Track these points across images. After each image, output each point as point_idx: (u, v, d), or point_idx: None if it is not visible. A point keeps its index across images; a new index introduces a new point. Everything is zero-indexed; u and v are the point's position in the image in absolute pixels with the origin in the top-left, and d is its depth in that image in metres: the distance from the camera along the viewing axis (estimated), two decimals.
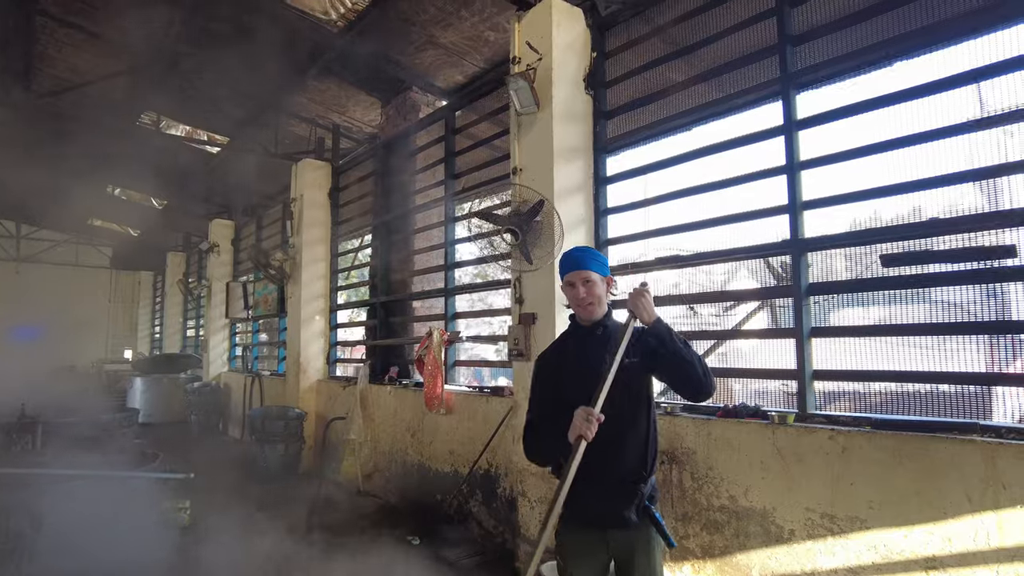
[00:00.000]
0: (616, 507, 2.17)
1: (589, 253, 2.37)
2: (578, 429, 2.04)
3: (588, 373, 2.21)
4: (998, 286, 2.97)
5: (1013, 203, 2.84)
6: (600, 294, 2.32)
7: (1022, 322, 2.89)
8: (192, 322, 14.95)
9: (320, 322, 8.24)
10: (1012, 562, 2.54)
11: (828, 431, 3.07)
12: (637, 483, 2.19)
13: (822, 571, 3.04)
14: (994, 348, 3.20)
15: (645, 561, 2.18)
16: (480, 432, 5.11)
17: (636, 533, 2.20)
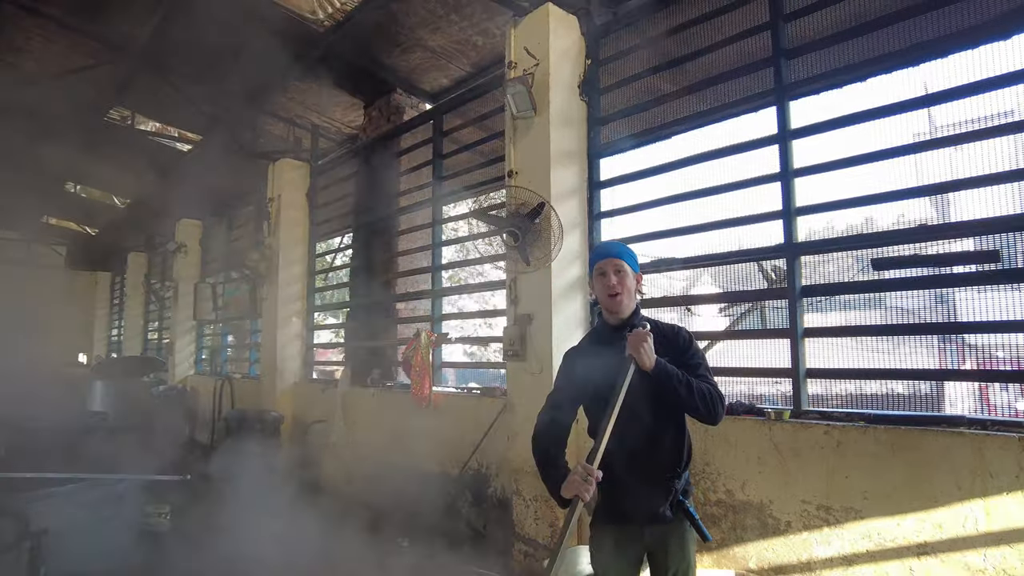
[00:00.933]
0: (651, 504, 2.21)
1: (620, 247, 2.40)
2: (575, 488, 2.03)
3: (608, 382, 2.21)
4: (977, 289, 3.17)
5: (997, 212, 3.02)
6: (630, 286, 2.33)
7: (987, 322, 3.06)
8: (154, 324, 14.53)
9: (297, 324, 8.13)
10: (999, 545, 2.70)
11: (823, 426, 3.21)
12: (671, 480, 2.23)
13: (818, 560, 3.17)
14: (966, 347, 3.42)
15: (680, 554, 2.23)
16: (470, 433, 5.13)
17: (671, 527, 2.24)
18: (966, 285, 3.11)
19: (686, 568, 2.24)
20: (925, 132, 3.48)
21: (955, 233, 3.10)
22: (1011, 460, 2.69)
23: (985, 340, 3.62)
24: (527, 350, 4.39)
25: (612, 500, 2.19)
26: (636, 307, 2.40)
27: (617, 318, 2.35)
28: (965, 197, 3.21)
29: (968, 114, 3.29)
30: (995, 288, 3.14)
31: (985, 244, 3.05)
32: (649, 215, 4.32)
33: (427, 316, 6.34)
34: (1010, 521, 2.67)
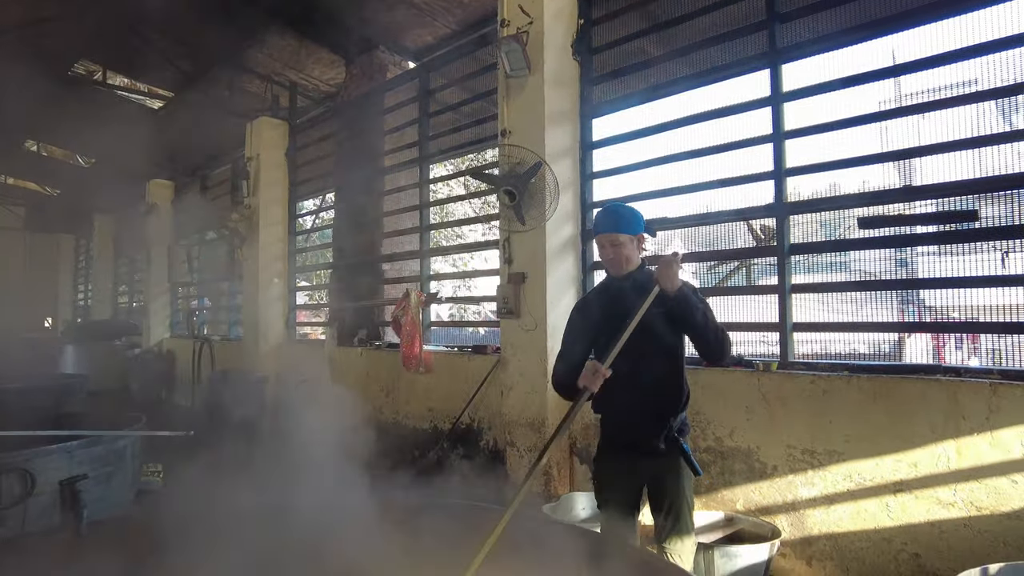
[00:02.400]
0: (646, 437, 2.38)
1: (620, 215, 2.50)
2: (585, 380, 2.25)
3: (617, 318, 2.39)
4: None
5: (977, 173, 3.19)
6: (628, 254, 2.47)
7: (960, 278, 3.26)
8: (124, 287, 14.26)
9: (279, 285, 8.10)
10: (967, 481, 2.93)
11: (810, 376, 3.40)
12: (667, 416, 2.40)
13: (801, 500, 3.39)
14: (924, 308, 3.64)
15: (675, 489, 2.39)
16: (461, 390, 5.26)
17: (665, 461, 2.40)
18: (945, 243, 3.29)
19: (681, 504, 2.39)
20: (912, 96, 3.62)
21: (936, 194, 3.25)
22: (982, 404, 2.90)
23: (940, 300, 3.82)
24: (521, 308, 4.49)
25: (611, 433, 2.35)
26: (641, 262, 2.55)
27: (620, 274, 2.52)
28: (946, 160, 3.37)
29: (947, 80, 3.44)
30: (966, 249, 3.36)
31: (964, 204, 3.22)
32: (641, 175, 4.42)
33: (414, 276, 6.39)
34: (979, 459, 2.89)
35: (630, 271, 2.51)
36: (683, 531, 2.38)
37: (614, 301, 2.48)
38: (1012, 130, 3.14)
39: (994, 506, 2.86)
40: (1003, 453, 2.84)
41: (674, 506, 2.38)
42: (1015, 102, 3.37)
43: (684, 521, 2.39)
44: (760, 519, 3.45)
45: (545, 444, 2.23)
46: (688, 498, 2.44)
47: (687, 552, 2.40)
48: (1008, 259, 3.20)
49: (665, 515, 2.38)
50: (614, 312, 2.44)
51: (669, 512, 2.38)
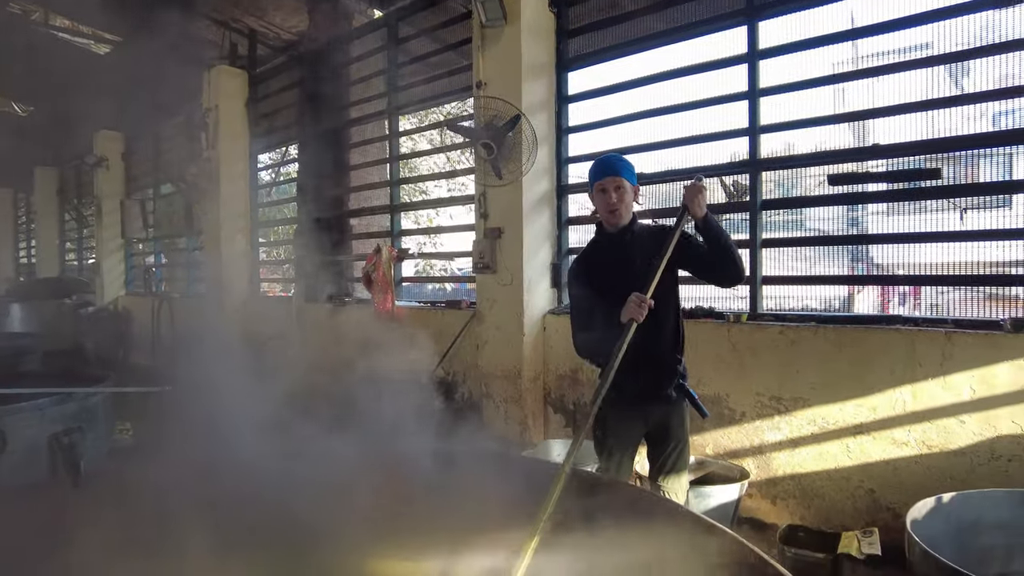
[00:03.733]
0: (658, 385, 2.45)
1: (622, 161, 2.51)
2: (631, 312, 2.21)
3: (618, 272, 2.42)
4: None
5: (941, 133, 3.32)
6: (629, 202, 2.48)
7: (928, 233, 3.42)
8: (72, 244, 13.68)
9: (242, 241, 7.91)
10: (920, 423, 3.15)
11: (779, 327, 3.55)
12: (675, 364, 2.49)
13: (768, 444, 3.58)
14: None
15: (680, 431, 2.51)
16: (435, 344, 5.28)
17: (672, 406, 2.50)
18: (911, 200, 3.43)
19: (684, 441, 2.52)
20: (870, 58, 3.72)
21: (905, 152, 3.38)
22: (937, 351, 3.09)
23: (888, 259, 4.00)
24: (497, 263, 4.52)
25: (620, 384, 2.40)
26: (633, 216, 2.57)
27: (616, 227, 2.52)
28: (907, 121, 3.49)
29: (902, 43, 3.54)
30: (921, 208, 3.53)
31: (929, 163, 3.37)
32: (618, 131, 4.44)
33: (384, 231, 6.33)
34: (932, 402, 3.10)
35: (626, 224, 2.50)
36: (682, 468, 2.51)
37: (615, 256, 2.49)
38: (977, 92, 3.27)
39: (943, 444, 3.08)
40: (954, 396, 3.05)
41: (678, 447, 2.50)
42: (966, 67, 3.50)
43: (684, 459, 2.52)
44: (729, 462, 3.63)
45: (596, 392, 2.17)
46: (689, 438, 2.56)
47: (682, 488, 2.53)
48: (966, 215, 3.37)
49: (668, 455, 2.49)
50: (617, 266, 2.46)
51: (672, 452, 2.49)
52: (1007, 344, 2.93)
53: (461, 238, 8.92)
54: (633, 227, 2.52)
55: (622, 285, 2.33)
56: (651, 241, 2.44)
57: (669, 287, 2.47)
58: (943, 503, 2.41)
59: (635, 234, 2.50)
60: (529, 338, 4.45)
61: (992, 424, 2.97)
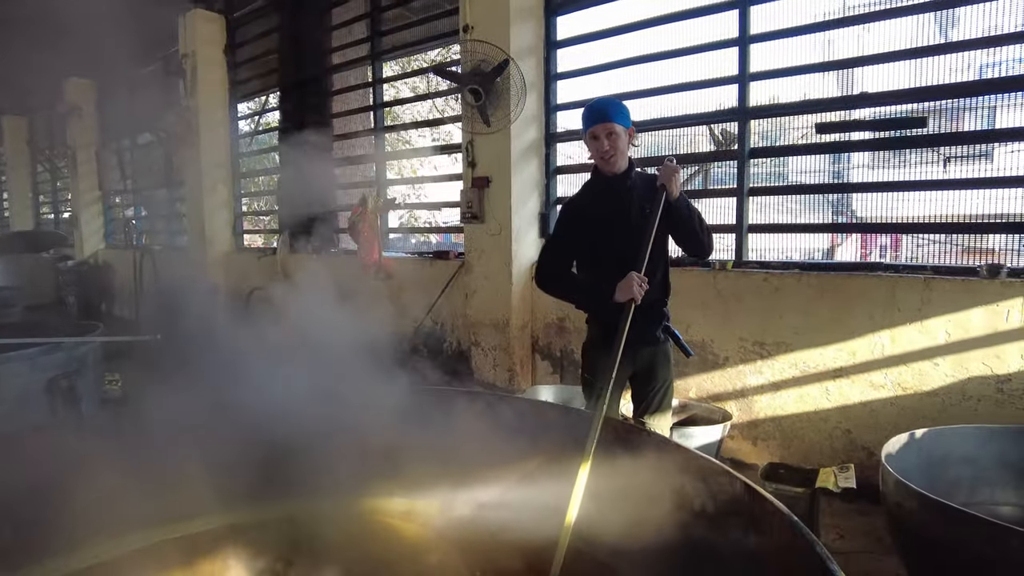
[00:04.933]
0: (645, 328, 2.50)
1: (613, 105, 2.46)
2: (631, 293, 2.27)
3: (613, 220, 2.44)
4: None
5: (928, 82, 3.34)
6: (623, 147, 2.44)
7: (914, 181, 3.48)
8: (47, 197, 13.37)
9: (223, 191, 7.79)
10: (897, 366, 3.26)
11: (763, 274, 3.62)
12: (661, 307, 2.55)
13: (750, 387, 3.69)
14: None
15: (665, 371, 2.58)
16: (423, 294, 5.32)
17: (658, 348, 2.57)
18: (897, 148, 3.47)
19: (669, 381, 2.60)
20: (856, 7, 3.69)
21: (892, 100, 3.40)
22: (916, 296, 3.18)
23: (868, 212, 4.06)
24: (485, 212, 4.52)
25: (609, 327, 2.45)
26: (630, 160, 2.55)
27: (611, 172, 2.50)
28: (902, 68, 3.50)
29: None
30: (903, 160, 3.57)
31: (915, 111, 3.39)
32: (607, 77, 4.39)
33: (368, 181, 6.26)
34: (909, 345, 3.21)
35: (623, 168, 2.49)
36: (666, 408, 2.59)
37: (610, 201, 2.49)
38: (964, 40, 3.27)
39: (917, 386, 3.20)
40: (930, 340, 3.16)
41: (664, 386, 2.57)
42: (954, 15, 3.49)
43: (669, 399, 2.60)
44: (712, 405, 3.74)
45: (611, 364, 2.20)
46: (672, 379, 2.64)
47: (666, 428, 2.62)
48: (949, 166, 3.42)
49: (654, 395, 2.57)
50: (611, 212, 2.47)
51: (658, 392, 2.57)
52: (982, 289, 3.02)
53: (446, 189, 8.87)
54: (631, 173, 2.50)
55: (619, 232, 2.36)
56: (647, 191, 2.45)
57: (660, 241, 2.50)
58: (916, 438, 2.53)
59: (632, 181, 2.49)
60: (517, 287, 4.49)
61: (964, 366, 3.08)
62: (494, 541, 2.25)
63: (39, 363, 3.73)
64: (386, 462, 2.60)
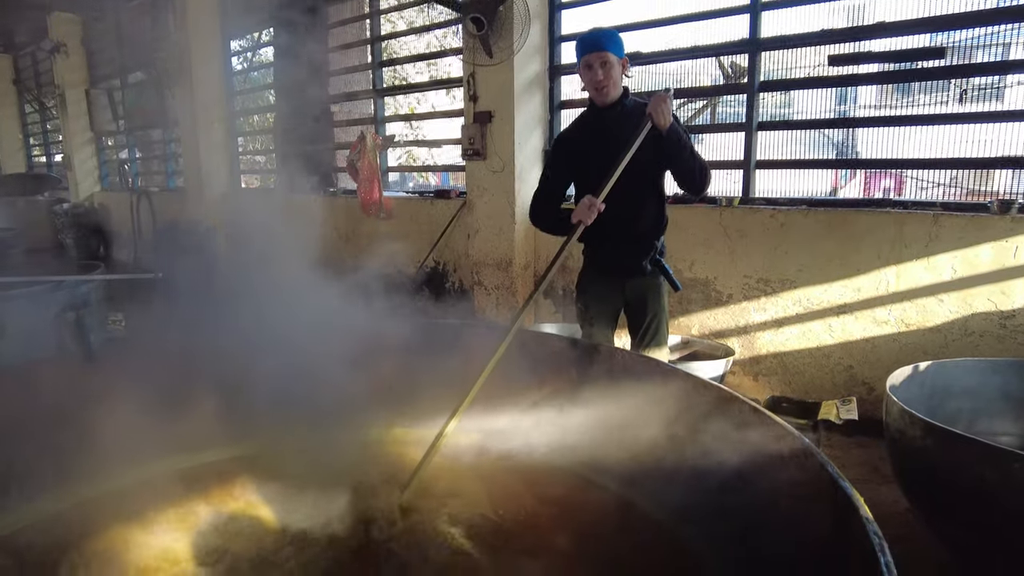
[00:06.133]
0: (634, 260, 2.51)
1: (607, 34, 2.39)
2: (580, 215, 2.28)
3: (608, 149, 2.39)
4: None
5: (947, 10, 3.21)
6: (616, 77, 2.39)
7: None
8: (37, 139, 13.12)
9: (219, 131, 7.63)
10: (902, 302, 3.26)
11: (770, 210, 3.58)
12: (652, 240, 2.53)
13: (753, 324, 3.70)
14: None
15: (656, 303, 2.58)
16: (425, 234, 5.28)
17: (648, 280, 2.56)
18: (913, 80, 3.37)
19: (662, 318, 2.60)
20: None
21: (909, 31, 3.28)
22: (924, 233, 3.15)
23: (872, 152, 3.99)
24: (487, 148, 4.43)
25: (600, 257, 2.45)
26: (624, 90, 2.49)
27: (605, 102, 2.45)
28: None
29: None
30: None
31: (933, 41, 3.28)
32: (613, 7, 4.23)
33: (367, 118, 6.13)
34: (915, 282, 3.20)
35: (615, 99, 2.44)
36: (661, 341, 2.60)
37: (600, 132, 2.46)
38: None
39: (921, 322, 3.21)
40: (936, 276, 3.15)
41: (655, 319, 2.57)
42: None
43: (662, 333, 2.60)
44: (714, 341, 3.76)
45: (540, 278, 2.27)
46: (666, 312, 2.64)
47: (662, 359, 2.63)
48: (966, 97, 3.33)
49: (646, 328, 2.58)
50: (601, 144, 2.42)
51: (650, 325, 2.57)
52: (992, 225, 2.99)
53: (445, 127, 8.68)
54: (624, 102, 2.45)
55: (607, 161, 2.31)
56: (640, 119, 2.38)
57: (651, 176, 2.46)
58: (919, 371, 2.54)
59: (625, 109, 2.43)
60: (520, 227, 4.45)
61: (968, 303, 3.08)
62: (501, 468, 2.29)
63: (44, 300, 3.73)
64: (392, 394, 2.63)
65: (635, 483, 1.92)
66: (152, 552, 1.86)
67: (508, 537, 1.92)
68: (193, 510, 2.10)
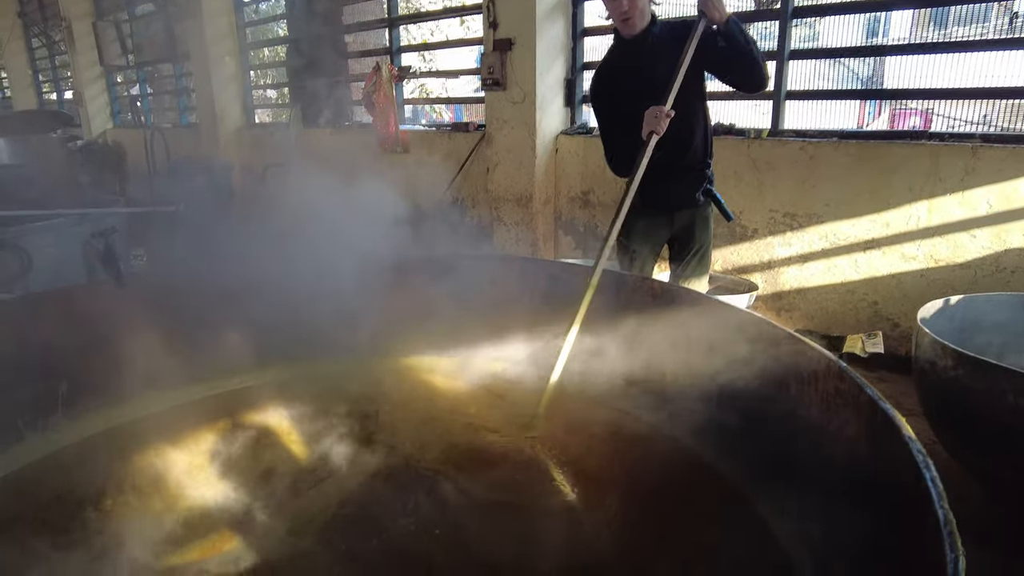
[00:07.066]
0: (686, 190, 2.43)
1: None
2: (650, 125, 2.16)
3: (637, 85, 2.29)
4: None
5: None
6: (643, 6, 2.27)
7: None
8: (46, 75, 12.94)
9: (231, 64, 7.48)
10: (932, 237, 3.19)
11: (800, 143, 3.47)
12: (703, 169, 2.45)
13: (777, 259, 3.66)
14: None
15: (704, 234, 2.53)
16: (442, 169, 5.21)
17: (699, 211, 2.50)
18: (959, 4, 3.19)
19: (707, 245, 2.56)
20: None
21: None
22: (960, 165, 3.05)
23: (900, 84, 3.84)
24: (508, 78, 4.31)
25: (648, 191, 2.37)
26: (652, 16, 2.37)
27: (632, 33, 2.33)
28: None
29: None
30: None
31: None
32: None
33: (381, 49, 5.96)
34: (948, 217, 3.12)
35: (643, 29, 2.31)
36: (703, 273, 2.57)
37: (635, 64, 2.34)
38: None
39: (951, 258, 3.15)
40: (970, 211, 3.07)
41: (702, 250, 2.54)
42: None
43: (706, 264, 2.57)
44: (738, 277, 3.73)
45: (619, 203, 2.17)
46: (711, 243, 2.59)
47: (703, 289, 2.60)
48: (1016, 22, 3.17)
49: (691, 259, 2.54)
50: (633, 78, 2.32)
51: (695, 255, 2.53)
52: None
53: (459, 59, 8.44)
54: (652, 30, 2.32)
55: (647, 93, 2.21)
56: (674, 43, 2.26)
57: (697, 98, 2.37)
58: (950, 304, 2.51)
59: (655, 37, 2.31)
60: (541, 160, 4.37)
61: (1002, 238, 3.01)
62: (520, 393, 2.32)
63: (70, 231, 3.75)
64: (415, 324, 2.65)
65: (673, 414, 1.94)
66: (189, 470, 1.92)
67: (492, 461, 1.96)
68: (226, 432, 2.16)
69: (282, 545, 1.60)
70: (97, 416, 2.13)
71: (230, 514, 1.72)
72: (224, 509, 1.75)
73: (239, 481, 1.87)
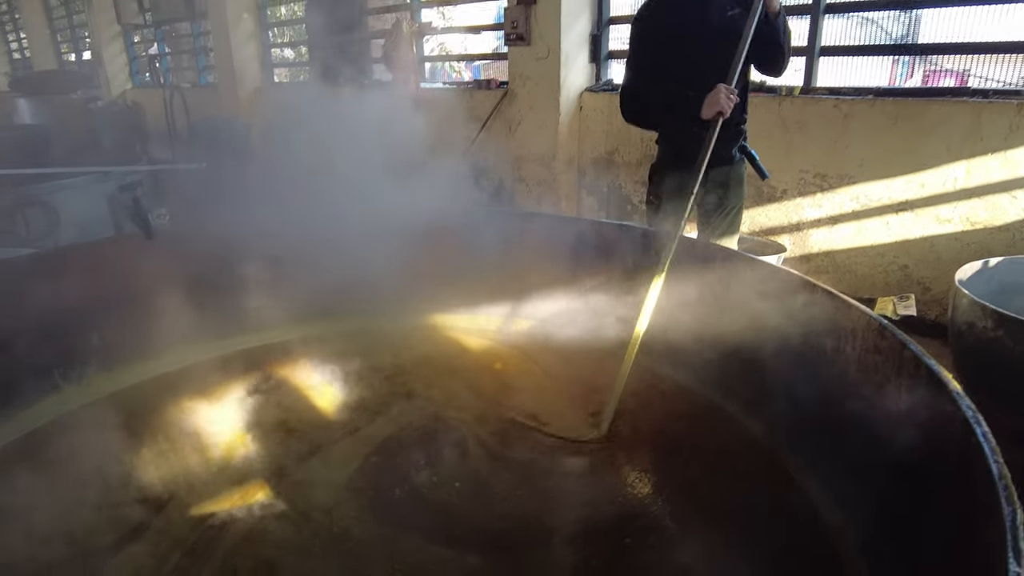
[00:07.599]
0: (722, 146, 2.35)
1: None
2: (717, 106, 2.10)
3: (688, 33, 2.24)
4: None
5: None
6: None
7: None
8: (64, 35, 12.89)
9: (249, 21, 7.39)
10: (970, 199, 3.10)
11: (833, 100, 3.37)
12: (739, 124, 2.40)
13: (807, 221, 3.59)
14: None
15: (738, 191, 2.50)
16: (463, 127, 5.13)
17: (732, 168, 2.47)
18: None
19: (740, 203, 2.52)
20: None
21: None
22: (1004, 123, 2.94)
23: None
24: (532, 33, 4.21)
25: (684, 146, 2.32)
26: None
27: None
28: None
29: None
30: None
31: None
32: None
33: (400, 4, 5.84)
34: (988, 178, 3.02)
35: None
36: (734, 232, 2.53)
37: (684, 11, 2.28)
38: None
39: (988, 220, 3.06)
40: (1012, 171, 2.96)
41: (734, 208, 2.50)
42: None
43: (738, 223, 2.54)
44: (766, 238, 3.67)
45: (694, 176, 2.11)
46: (744, 202, 2.55)
47: (734, 246, 2.57)
48: None
49: (723, 217, 2.50)
50: (685, 24, 2.26)
51: (728, 214, 2.49)
52: None
53: (478, 16, 8.25)
54: None
55: (695, 48, 2.15)
56: (732, 2, 2.22)
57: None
58: (988, 266, 2.46)
59: None
60: (565, 119, 4.29)
61: None
62: (555, 351, 2.32)
63: (96, 188, 3.78)
64: (446, 281, 2.64)
65: (704, 374, 1.92)
66: (220, 421, 1.95)
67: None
68: (256, 385, 2.19)
69: (312, 491, 1.63)
70: (131, 369, 2.17)
71: (261, 464, 1.75)
72: (254, 460, 1.77)
73: (269, 433, 1.90)
